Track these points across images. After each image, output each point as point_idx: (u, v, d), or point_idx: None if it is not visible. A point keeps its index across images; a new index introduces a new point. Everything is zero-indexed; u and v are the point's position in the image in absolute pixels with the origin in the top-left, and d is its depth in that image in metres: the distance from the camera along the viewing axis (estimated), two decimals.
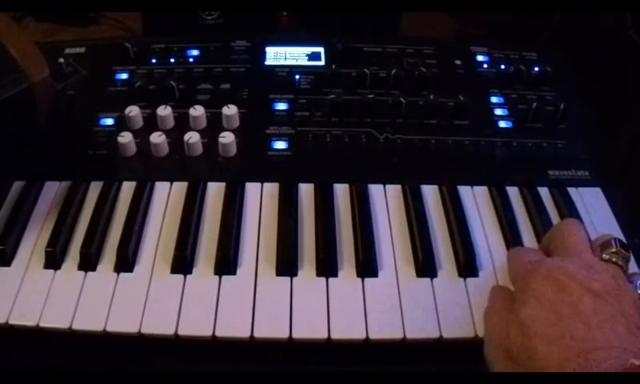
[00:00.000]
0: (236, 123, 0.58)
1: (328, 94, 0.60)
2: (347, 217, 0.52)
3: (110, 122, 0.58)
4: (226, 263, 0.47)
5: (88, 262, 0.47)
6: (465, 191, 0.54)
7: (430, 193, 0.54)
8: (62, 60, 0.62)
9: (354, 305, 0.45)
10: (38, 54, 0.52)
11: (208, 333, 0.43)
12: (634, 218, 0.53)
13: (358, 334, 0.43)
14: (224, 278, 0.47)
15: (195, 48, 0.66)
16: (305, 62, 0.65)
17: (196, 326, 0.43)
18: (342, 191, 0.54)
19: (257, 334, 0.43)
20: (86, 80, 0.62)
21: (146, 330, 0.43)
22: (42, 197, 0.53)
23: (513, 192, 0.54)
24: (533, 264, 0.39)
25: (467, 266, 0.48)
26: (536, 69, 0.64)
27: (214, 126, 0.58)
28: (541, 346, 0.34)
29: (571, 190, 0.54)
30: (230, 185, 0.53)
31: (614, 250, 0.38)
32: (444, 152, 0.57)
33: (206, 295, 0.45)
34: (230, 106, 0.58)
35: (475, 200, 0.54)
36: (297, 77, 0.63)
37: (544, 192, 0.54)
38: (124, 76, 0.63)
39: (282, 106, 0.60)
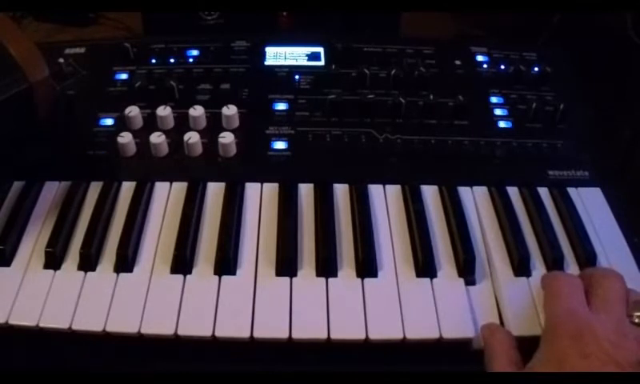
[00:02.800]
0: (236, 123, 0.58)
1: (328, 94, 0.60)
2: (347, 217, 0.52)
3: (109, 122, 0.58)
4: (226, 263, 0.47)
5: (88, 262, 0.47)
6: (464, 191, 0.54)
7: (430, 193, 0.54)
8: (61, 60, 0.62)
9: (354, 305, 0.45)
10: (37, 54, 0.52)
11: (208, 333, 0.43)
12: (634, 218, 0.53)
13: (357, 334, 0.43)
14: (224, 278, 0.47)
15: (195, 48, 0.66)
16: (304, 62, 0.65)
17: (196, 326, 0.43)
18: (341, 191, 0.54)
19: (256, 334, 0.43)
20: (86, 80, 0.62)
21: (145, 330, 0.43)
22: (41, 197, 0.53)
23: (512, 192, 0.54)
24: (568, 317, 0.39)
25: (467, 266, 0.48)
26: (536, 69, 0.64)
27: (214, 126, 0.58)
28: None
29: (571, 190, 0.54)
30: (230, 185, 0.53)
31: None
32: (444, 152, 0.57)
33: (205, 295, 0.45)
34: (230, 106, 0.58)
35: (475, 200, 0.54)
36: (296, 77, 0.63)
37: (544, 192, 0.54)
38: (124, 76, 0.63)
39: (281, 106, 0.60)
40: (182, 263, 0.47)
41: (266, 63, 0.65)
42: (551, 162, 0.57)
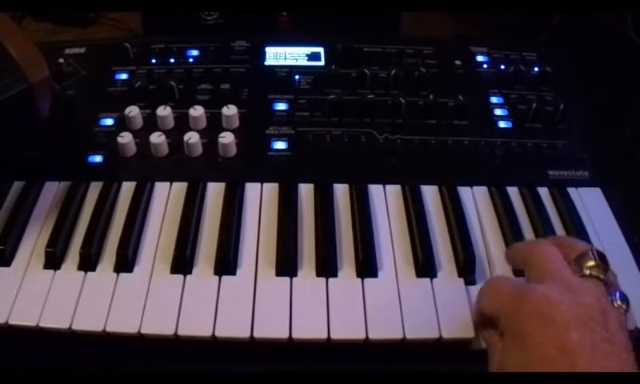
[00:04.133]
0: (236, 123, 0.58)
1: (328, 94, 0.60)
2: (347, 217, 0.52)
3: (109, 122, 0.58)
4: (226, 263, 0.47)
5: (88, 262, 0.47)
6: (464, 191, 0.54)
7: (430, 193, 0.54)
8: (61, 60, 0.62)
9: (354, 305, 0.45)
10: (37, 54, 0.52)
11: (208, 333, 0.43)
12: (634, 218, 0.53)
13: (357, 334, 0.43)
14: (224, 278, 0.47)
15: (195, 48, 0.66)
16: (305, 62, 0.65)
17: (196, 326, 0.43)
18: (341, 191, 0.54)
19: (256, 334, 0.43)
20: (86, 80, 0.62)
21: (145, 330, 0.43)
22: (41, 197, 0.53)
23: (512, 192, 0.54)
24: (515, 298, 0.37)
25: (467, 266, 0.48)
26: (536, 69, 0.64)
27: (214, 126, 0.58)
28: None
29: (571, 190, 0.54)
30: (230, 185, 0.53)
31: (592, 263, 0.37)
32: (444, 152, 0.57)
33: (205, 295, 0.45)
34: (230, 106, 0.58)
35: (475, 200, 0.54)
36: (297, 77, 0.63)
37: (543, 192, 0.54)
38: (124, 76, 0.63)
39: (281, 106, 0.60)
40: (182, 263, 0.47)
41: (266, 63, 0.65)
42: (551, 162, 0.57)
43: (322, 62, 0.65)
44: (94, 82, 0.62)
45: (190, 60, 0.65)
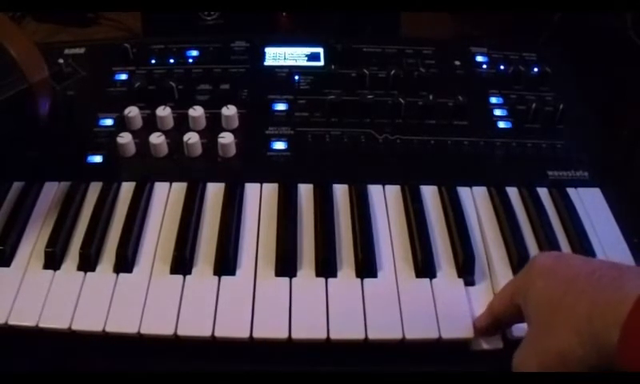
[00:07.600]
0: (235, 124, 0.58)
1: (327, 94, 0.60)
2: (346, 217, 0.52)
3: (109, 122, 0.58)
4: (226, 263, 0.47)
5: (87, 263, 0.47)
6: (464, 192, 0.54)
7: (430, 193, 0.54)
8: (61, 60, 0.62)
9: (353, 305, 0.45)
10: (37, 54, 0.52)
11: (207, 333, 0.43)
12: (634, 218, 0.53)
13: (357, 334, 0.43)
14: (223, 278, 0.47)
15: (195, 48, 0.66)
16: (304, 62, 0.65)
17: (195, 326, 0.43)
18: (341, 192, 0.54)
19: (256, 335, 0.43)
20: (86, 80, 0.62)
21: (145, 331, 0.43)
22: (41, 197, 0.53)
23: (512, 192, 0.54)
24: (523, 273, 0.39)
25: (466, 266, 0.48)
26: (535, 69, 0.64)
27: (214, 126, 0.58)
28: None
29: (570, 191, 0.54)
30: (230, 185, 0.53)
31: None
32: (443, 152, 0.57)
33: (205, 295, 0.45)
34: (230, 106, 0.58)
35: (474, 201, 0.54)
36: (296, 77, 0.63)
37: (543, 192, 0.54)
38: (123, 76, 0.63)
39: (281, 107, 0.60)
40: (182, 263, 0.47)
41: (266, 63, 0.65)
42: (551, 163, 0.57)
43: (321, 63, 0.65)
44: (94, 83, 0.62)
45: (190, 60, 0.65)
